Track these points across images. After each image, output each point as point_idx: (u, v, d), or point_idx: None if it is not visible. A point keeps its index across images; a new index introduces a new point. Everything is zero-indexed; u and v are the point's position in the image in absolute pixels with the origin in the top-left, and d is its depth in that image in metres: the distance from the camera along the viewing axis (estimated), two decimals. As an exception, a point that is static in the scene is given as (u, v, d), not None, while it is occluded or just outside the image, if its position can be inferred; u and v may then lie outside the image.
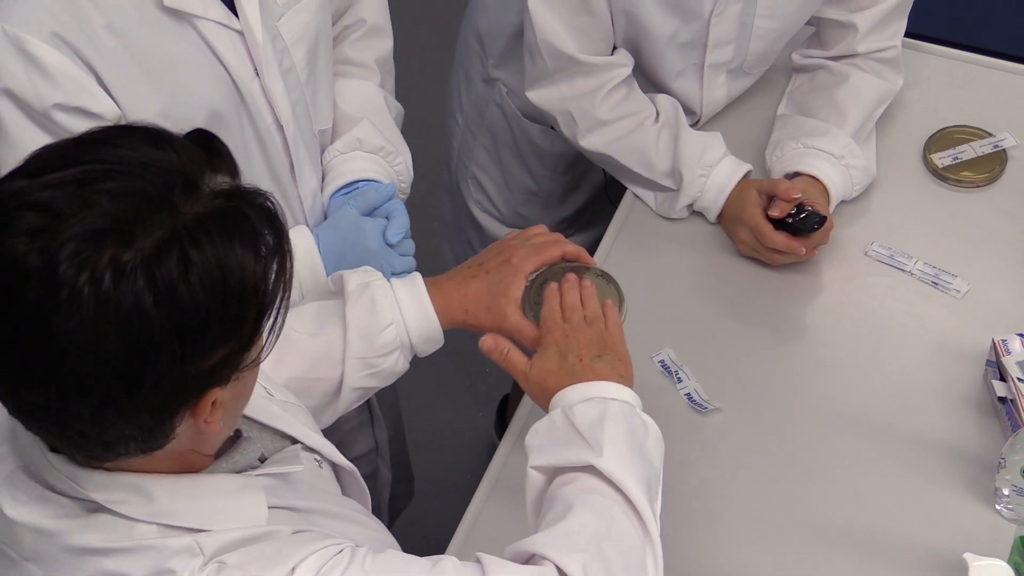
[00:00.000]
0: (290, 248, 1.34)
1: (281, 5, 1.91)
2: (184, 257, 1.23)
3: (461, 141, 2.51)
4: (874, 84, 2.35)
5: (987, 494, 2.02)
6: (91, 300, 1.20)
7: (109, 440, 1.29)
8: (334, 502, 1.53)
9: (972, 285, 2.25)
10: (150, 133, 1.30)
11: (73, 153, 1.27)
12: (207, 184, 1.28)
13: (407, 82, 2.27)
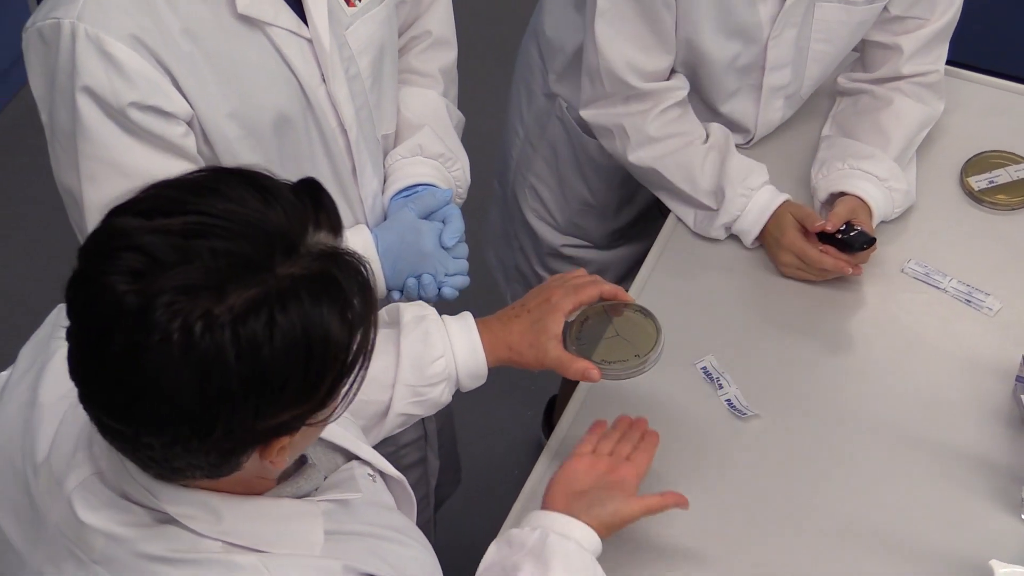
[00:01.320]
0: (376, 318, 1.33)
1: (349, 15, 1.91)
2: (271, 319, 1.23)
3: (520, 152, 2.52)
4: (916, 109, 2.34)
5: (1014, 504, 2.01)
6: (178, 347, 1.21)
7: (177, 467, 1.30)
8: (386, 522, 1.53)
9: (1004, 303, 2.24)
10: (259, 184, 1.29)
11: (184, 199, 1.27)
12: (308, 243, 1.28)
13: (464, 95, 2.26)
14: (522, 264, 2.62)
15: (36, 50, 1.77)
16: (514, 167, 2.54)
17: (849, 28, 2.28)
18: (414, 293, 2.00)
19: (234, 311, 1.22)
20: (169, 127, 1.78)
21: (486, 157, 2.41)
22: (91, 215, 1.80)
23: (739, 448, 2.08)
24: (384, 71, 2.00)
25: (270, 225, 1.26)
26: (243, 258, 1.23)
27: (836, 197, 2.26)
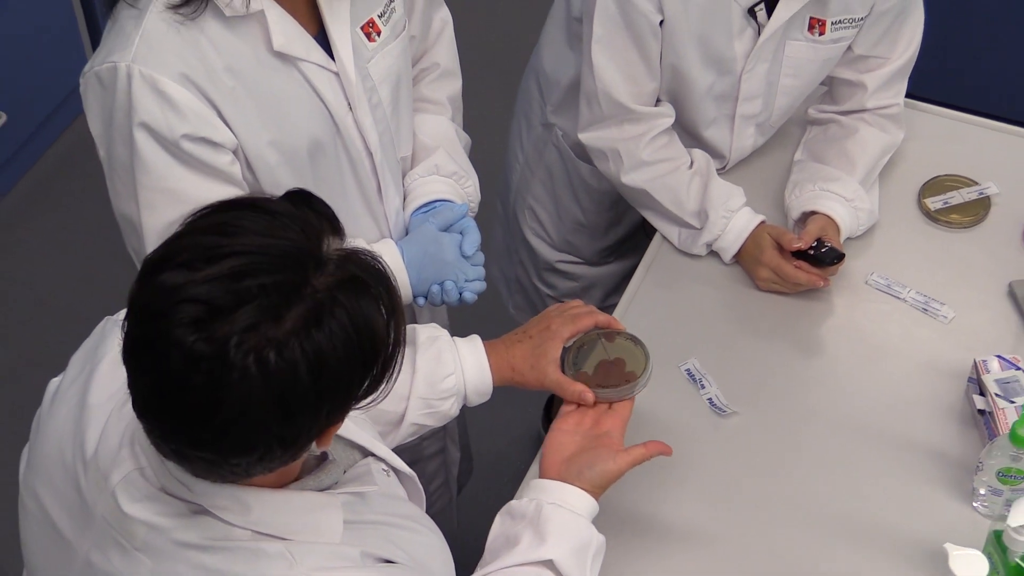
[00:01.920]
0: (401, 303, 1.35)
1: (370, 50, 1.92)
2: (328, 328, 1.26)
3: (520, 176, 2.52)
4: (879, 137, 2.35)
5: (966, 493, 2.02)
6: (257, 378, 1.23)
7: (253, 472, 1.33)
8: (400, 512, 1.53)
9: (957, 312, 2.24)
10: (269, 210, 1.30)
11: (219, 244, 1.27)
12: (327, 251, 1.30)
13: (470, 125, 2.28)
14: (522, 277, 2.63)
15: (95, 92, 1.77)
16: (514, 190, 2.55)
17: (816, 65, 2.29)
18: (437, 299, 2.00)
19: (296, 332, 1.24)
20: (217, 156, 1.79)
21: (489, 180, 2.42)
22: (150, 238, 1.81)
23: (719, 441, 2.09)
24: (401, 99, 2.01)
25: (295, 247, 1.28)
26: (287, 284, 1.25)
27: (808, 216, 2.27)
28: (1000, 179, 2.41)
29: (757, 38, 2.21)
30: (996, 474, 1.95)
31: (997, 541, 1.85)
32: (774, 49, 2.24)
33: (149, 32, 1.73)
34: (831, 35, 2.23)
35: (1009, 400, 2.02)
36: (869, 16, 2.24)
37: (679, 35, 2.19)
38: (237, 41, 1.78)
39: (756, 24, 2.19)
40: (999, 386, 2.04)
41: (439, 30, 2.14)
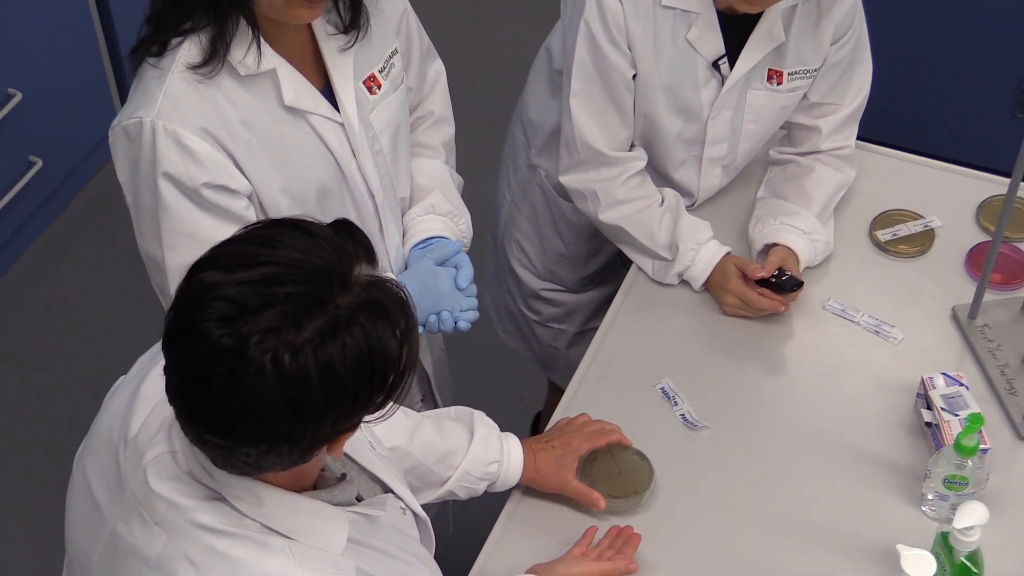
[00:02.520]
0: (417, 332, 1.35)
1: (371, 102, 1.93)
2: (342, 342, 1.26)
3: (507, 212, 2.53)
4: (834, 176, 2.35)
5: (916, 499, 2.02)
6: (272, 376, 1.24)
7: (263, 466, 1.34)
8: (406, 547, 1.53)
9: (906, 334, 2.25)
10: (309, 231, 1.32)
11: (257, 252, 1.29)
12: (356, 275, 1.31)
13: (463, 167, 2.29)
14: (510, 304, 2.63)
15: (122, 144, 1.79)
16: (502, 224, 2.55)
17: (775, 111, 2.29)
18: (435, 328, 2.01)
19: (312, 340, 1.25)
20: (234, 201, 1.80)
21: (481, 215, 2.43)
22: (172, 276, 1.82)
23: (691, 453, 2.09)
24: (400, 146, 2.02)
25: (326, 266, 1.29)
26: (311, 296, 1.26)
27: (769, 247, 2.27)
28: (943, 213, 2.42)
29: (721, 87, 2.22)
30: (942, 481, 1.95)
31: (944, 542, 1.85)
32: (736, 97, 2.25)
33: (171, 90, 1.74)
34: (788, 85, 2.25)
35: (954, 413, 2.02)
36: (822, 67, 2.25)
37: (650, 87, 2.20)
38: (251, 97, 1.79)
39: (720, 75, 2.21)
40: (944, 401, 2.04)
41: (433, 81, 2.15)
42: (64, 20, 3.30)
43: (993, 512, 1.85)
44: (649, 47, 2.16)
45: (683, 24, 2.15)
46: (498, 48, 3.98)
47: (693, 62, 2.19)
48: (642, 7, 2.12)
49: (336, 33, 1.86)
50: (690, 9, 2.13)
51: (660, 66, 2.18)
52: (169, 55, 1.75)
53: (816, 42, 2.21)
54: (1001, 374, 2.16)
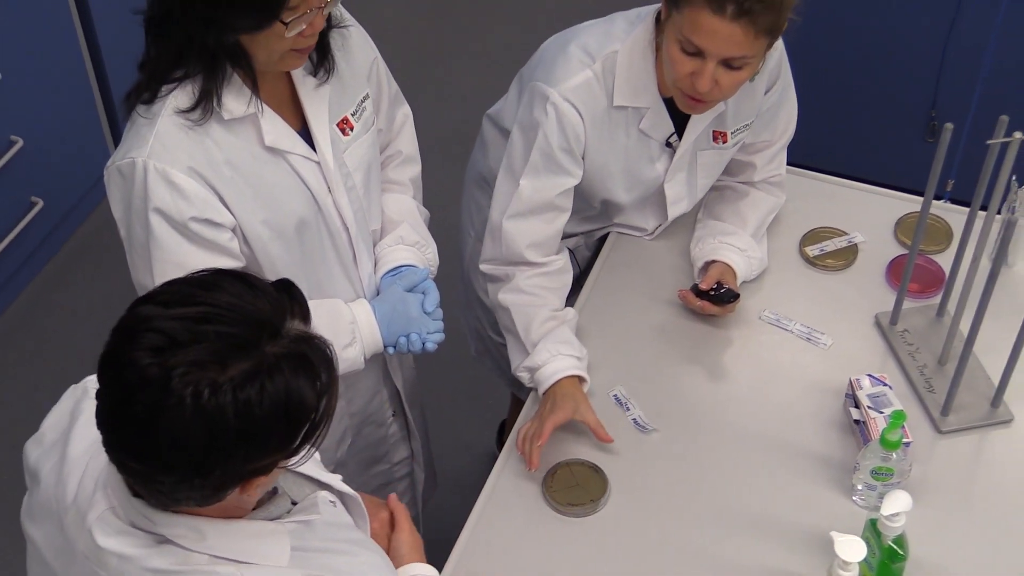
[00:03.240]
0: (337, 388, 1.32)
1: (345, 142, 1.93)
2: (261, 387, 1.23)
3: (472, 248, 2.49)
4: (766, 199, 2.36)
5: (847, 489, 2.03)
6: (190, 408, 1.21)
7: (178, 497, 1.30)
8: (345, 538, 1.48)
9: (835, 340, 2.25)
10: (250, 282, 1.29)
11: (196, 293, 1.27)
12: (287, 328, 1.28)
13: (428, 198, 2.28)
14: (478, 328, 2.60)
15: (116, 182, 1.78)
16: (467, 258, 2.52)
17: (722, 163, 2.30)
18: (404, 348, 2.00)
19: (233, 380, 1.22)
20: (219, 234, 1.80)
21: (445, 244, 2.42)
22: None
23: (643, 454, 2.09)
24: (371, 182, 2.02)
25: (259, 314, 1.26)
26: (240, 339, 1.24)
27: (709, 264, 2.27)
28: (864, 229, 2.43)
29: (673, 157, 2.21)
30: (870, 472, 1.97)
31: (873, 528, 1.86)
32: (688, 161, 2.24)
33: (161, 133, 1.74)
34: (732, 141, 2.24)
35: (879, 411, 2.03)
36: (754, 121, 2.26)
37: (608, 174, 2.19)
38: (234, 139, 1.79)
39: (671, 148, 2.20)
40: (870, 399, 2.06)
41: (402, 123, 2.15)
42: (61, 72, 3.30)
43: (916, 499, 1.86)
44: (605, 144, 2.15)
45: (635, 117, 2.14)
46: (460, 93, 3.99)
47: (647, 145, 2.18)
48: (598, 113, 2.11)
49: (308, 74, 1.86)
50: (640, 105, 2.12)
51: (616, 155, 2.17)
52: (159, 102, 1.75)
53: (751, 98, 2.21)
54: (920, 374, 2.18)
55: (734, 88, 2.00)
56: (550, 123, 2.09)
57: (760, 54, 1.97)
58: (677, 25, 1.94)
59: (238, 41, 1.72)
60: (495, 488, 2.06)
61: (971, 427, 2.12)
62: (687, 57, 1.95)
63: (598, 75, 2.09)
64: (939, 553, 1.95)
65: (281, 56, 1.74)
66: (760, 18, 1.88)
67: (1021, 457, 2.08)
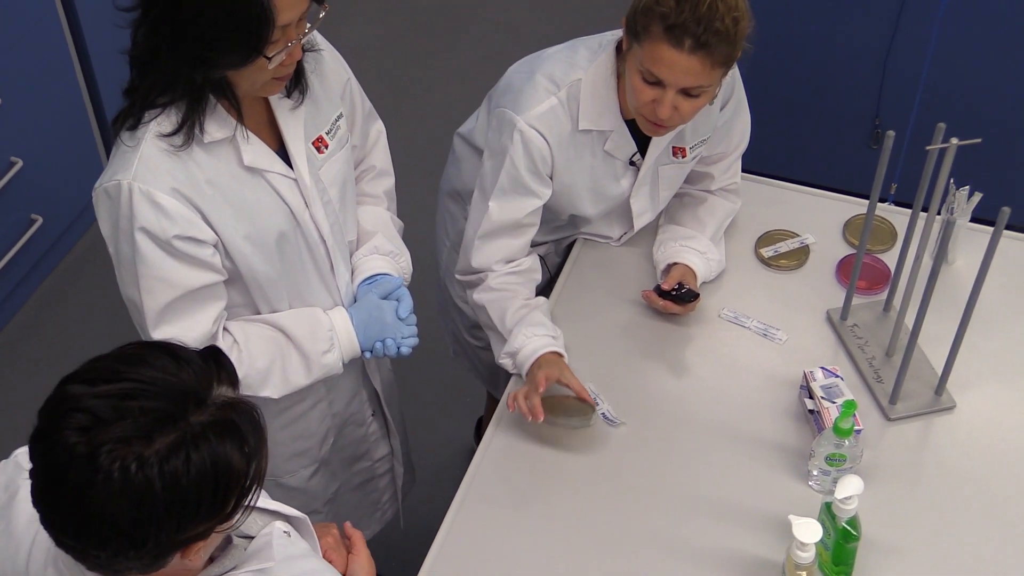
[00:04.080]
0: (267, 450, 1.28)
1: (320, 160, 1.91)
2: (187, 457, 1.20)
3: (447, 256, 2.49)
4: (723, 205, 2.36)
5: (803, 475, 2.03)
6: (118, 483, 1.18)
7: (119, 569, 1.26)
8: (301, 570, 1.42)
9: (789, 336, 2.26)
10: (175, 354, 1.26)
11: (120, 369, 1.23)
12: (213, 395, 1.24)
13: (403, 210, 2.27)
14: (456, 331, 2.59)
15: (103, 203, 1.77)
16: (443, 266, 2.51)
17: (683, 175, 2.30)
18: (380, 353, 1.99)
19: (159, 453, 1.19)
20: (202, 250, 1.78)
21: (420, 252, 2.41)
22: (150, 317, 1.80)
23: (612, 446, 2.09)
24: (347, 196, 2.00)
25: (184, 385, 1.23)
26: (164, 413, 1.21)
27: (671, 266, 2.28)
28: (815, 231, 2.44)
29: (637, 174, 2.21)
30: (824, 459, 1.97)
31: (828, 511, 1.87)
32: (651, 176, 2.24)
33: (146, 156, 1.73)
34: (691, 155, 2.25)
35: (831, 401, 2.04)
36: (712, 136, 2.26)
37: (575, 193, 2.19)
38: (215, 160, 1.77)
39: (635, 165, 2.20)
40: (823, 390, 2.06)
41: (375, 139, 2.14)
42: (57, 96, 3.29)
43: (867, 483, 1.87)
44: (572, 165, 2.15)
45: (600, 139, 2.14)
46: (434, 111, 3.99)
47: (612, 164, 2.18)
48: (564, 137, 2.11)
49: (284, 97, 1.85)
50: (604, 128, 2.13)
51: (583, 175, 2.17)
52: (143, 127, 1.73)
53: (708, 116, 2.20)
54: (869, 365, 2.18)
55: (693, 113, 2.00)
56: (516, 149, 2.09)
57: (717, 82, 1.98)
58: (638, 57, 1.95)
59: (223, 75, 1.71)
60: (473, 481, 2.05)
61: (917, 414, 2.12)
62: (648, 86, 1.96)
63: (563, 102, 2.09)
64: (890, 532, 1.95)
65: (263, 85, 1.74)
66: (716, 51, 1.89)
67: (963, 441, 2.09)
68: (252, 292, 1.89)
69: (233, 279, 1.86)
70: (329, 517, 2.29)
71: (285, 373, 1.93)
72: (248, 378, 1.89)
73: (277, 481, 2.16)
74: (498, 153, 2.13)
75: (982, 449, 2.07)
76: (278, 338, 1.92)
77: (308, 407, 2.11)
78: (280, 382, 1.93)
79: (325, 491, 2.25)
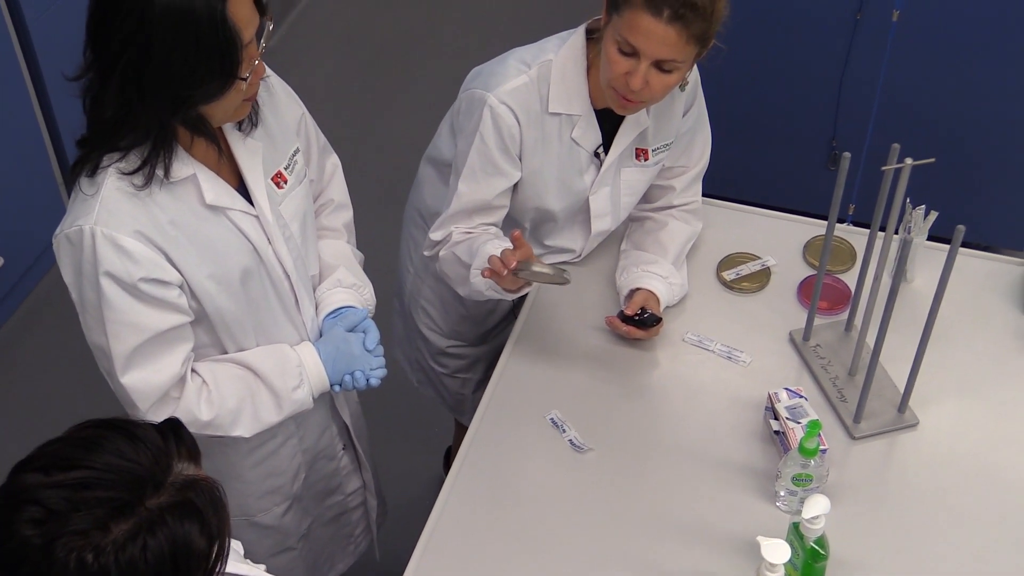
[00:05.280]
0: (229, 527, 1.27)
1: (280, 195, 1.91)
2: (144, 544, 1.18)
3: (412, 283, 2.50)
4: (684, 228, 2.38)
5: (770, 496, 2.04)
6: (74, 573, 1.17)
7: None
8: None
9: (753, 358, 2.27)
10: (132, 434, 1.23)
11: (75, 455, 1.21)
12: (173, 474, 1.23)
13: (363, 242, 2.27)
14: (420, 360, 2.60)
15: (66, 249, 1.74)
16: (408, 294, 2.52)
17: (644, 183, 2.31)
18: (350, 386, 1.98)
19: (116, 542, 1.17)
20: (168, 292, 1.77)
21: (383, 283, 2.41)
22: (118, 362, 1.78)
23: (579, 473, 2.09)
24: (308, 230, 2.00)
25: (141, 469, 1.21)
26: (120, 501, 1.19)
27: (634, 291, 2.29)
28: (776, 253, 2.45)
29: (599, 170, 2.23)
30: (791, 479, 1.98)
31: (796, 531, 1.87)
32: (613, 176, 2.26)
33: (106, 199, 1.71)
34: (653, 159, 2.27)
35: (796, 421, 2.05)
36: (673, 142, 2.28)
37: (542, 181, 2.20)
38: (176, 200, 1.76)
39: (599, 160, 2.22)
40: (788, 411, 2.07)
41: (331, 172, 2.14)
42: (17, 138, 3.28)
43: (834, 502, 1.88)
44: (539, 148, 2.17)
45: (567, 125, 2.16)
46: (396, 142, 4.00)
47: (577, 154, 2.20)
48: (533, 116, 2.13)
49: (236, 130, 1.84)
50: (573, 112, 2.15)
51: (550, 162, 2.19)
52: (102, 172, 1.72)
53: (670, 119, 2.24)
54: (833, 385, 2.20)
55: (663, 90, 2.03)
56: (486, 125, 2.12)
57: (689, 61, 2.01)
58: (616, 27, 1.99)
59: (199, 111, 1.71)
60: (443, 511, 2.04)
61: (881, 432, 2.14)
62: (623, 57, 1.99)
63: (533, 80, 2.13)
64: (857, 550, 1.96)
65: (235, 109, 1.74)
66: (692, 24, 1.94)
67: (927, 458, 2.11)
68: (219, 331, 1.88)
69: (199, 319, 1.85)
70: (303, 553, 2.27)
71: (256, 411, 1.92)
72: (219, 418, 1.88)
73: (250, 520, 2.14)
74: (470, 133, 2.15)
75: (945, 465, 2.09)
76: (247, 377, 1.91)
77: (279, 444, 2.09)
78: (251, 421, 1.92)
79: (299, 527, 2.23)
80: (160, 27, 1.59)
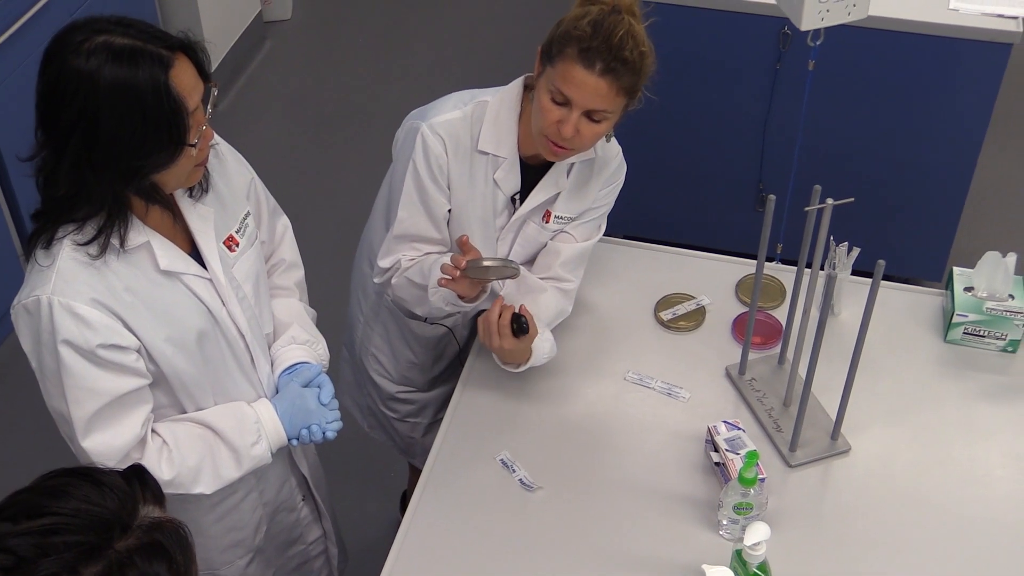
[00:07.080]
0: (196, 567, 1.25)
1: (232, 258, 1.91)
2: None
3: (362, 332, 2.50)
4: (557, 304, 2.30)
5: (713, 525, 2.05)
6: None
7: None
8: None
9: (692, 393, 2.28)
10: (98, 480, 1.22)
11: (43, 503, 1.19)
12: (140, 518, 1.22)
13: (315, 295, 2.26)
14: (371, 405, 2.60)
15: (24, 319, 1.73)
16: (359, 342, 2.52)
17: (538, 244, 2.29)
18: (307, 439, 1.97)
19: None
20: (125, 357, 1.76)
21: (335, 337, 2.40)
22: (79, 427, 1.76)
23: (530, 511, 2.09)
24: (260, 290, 2.00)
25: (108, 513, 1.20)
26: (89, 545, 1.17)
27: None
28: (709, 292, 2.48)
29: (511, 217, 2.25)
30: (732, 508, 1.99)
31: (739, 558, 1.89)
32: (518, 227, 2.26)
33: (62, 269, 1.70)
34: (552, 225, 2.26)
35: (735, 452, 2.07)
36: (576, 218, 2.28)
37: (465, 217, 2.21)
38: (131, 267, 1.76)
39: (513, 208, 2.23)
40: (727, 443, 2.09)
41: (282, 233, 2.13)
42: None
43: (774, 528, 1.90)
44: (466, 183, 2.19)
45: (492, 166, 2.19)
46: (338, 200, 4.00)
47: (496, 196, 2.22)
48: (462, 151, 2.16)
49: (187, 196, 1.84)
50: (499, 155, 2.17)
51: (475, 199, 2.20)
52: (57, 243, 1.71)
53: (586, 194, 2.25)
54: (769, 416, 2.22)
55: (593, 139, 2.06)
56: (418, 153, 2.15)
57: (618, 111, 2.04)
58: (550, 77, 2.02)
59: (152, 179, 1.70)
60: (400, 553, 2.04)
61: (816, 459, 2.16)
62: (556, 106, 2.02)
63: (467, 116, 2.16)
64: (798, 573, 1.98)
65: (188, 174, 1.73)
66: (623, 78, 1.97)
67: (860, 482, 2.14)
68: (177, 392, 1.87)
69: (158, 381, 1.84)
70: (268, 603, 2.25)
71: (216, 468, 1.90)
72: (180, 476, 1.86)
73: (214, 574, 2.12)
74: (405, 160, 2.18)
75: (878, 488, 2.12)
76: (206, 435, 1.90)
77: (240, 499, 2.08)
78: (212, 478, 1.90)
79: (262, 578, 2.21)
80: (106, 103, 1.60)
